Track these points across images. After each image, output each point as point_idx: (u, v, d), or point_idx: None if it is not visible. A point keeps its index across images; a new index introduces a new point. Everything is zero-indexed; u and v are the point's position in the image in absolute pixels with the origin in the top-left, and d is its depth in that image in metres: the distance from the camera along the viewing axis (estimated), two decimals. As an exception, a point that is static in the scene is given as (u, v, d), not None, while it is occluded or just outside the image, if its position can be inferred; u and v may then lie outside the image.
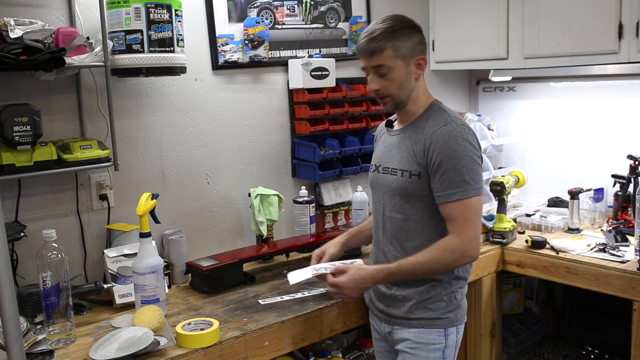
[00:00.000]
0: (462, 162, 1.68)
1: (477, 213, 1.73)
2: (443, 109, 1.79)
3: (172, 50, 2.02)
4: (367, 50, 1.72)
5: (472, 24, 2.86)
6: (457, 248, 1.70)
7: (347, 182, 2.87)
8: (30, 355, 1.52)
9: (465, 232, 1.70)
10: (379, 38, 1.70)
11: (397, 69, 1.72)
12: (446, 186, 1.69)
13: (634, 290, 2.18)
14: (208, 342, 1.68)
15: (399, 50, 1.71)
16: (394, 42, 1.70)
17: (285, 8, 2.61)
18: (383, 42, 1.69)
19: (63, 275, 1.71)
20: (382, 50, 1.70)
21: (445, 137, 1.69)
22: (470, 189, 1.68)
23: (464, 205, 1.69)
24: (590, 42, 2.45)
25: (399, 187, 1.78)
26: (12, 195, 1.97)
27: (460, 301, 1.83)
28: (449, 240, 1.71)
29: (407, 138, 1.79)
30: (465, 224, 1.69)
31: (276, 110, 2.63)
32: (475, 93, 3.40)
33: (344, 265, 1.85)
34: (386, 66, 1.71)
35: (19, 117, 1.78)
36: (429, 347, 1.79)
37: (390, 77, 1.73)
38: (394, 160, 1.81)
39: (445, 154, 1.68)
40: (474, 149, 1.72)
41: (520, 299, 3.02)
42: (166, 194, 2.31)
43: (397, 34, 1.71)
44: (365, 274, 1.78)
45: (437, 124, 1.73)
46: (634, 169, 2.57)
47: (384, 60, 1.71)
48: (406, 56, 1.72)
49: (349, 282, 1.77)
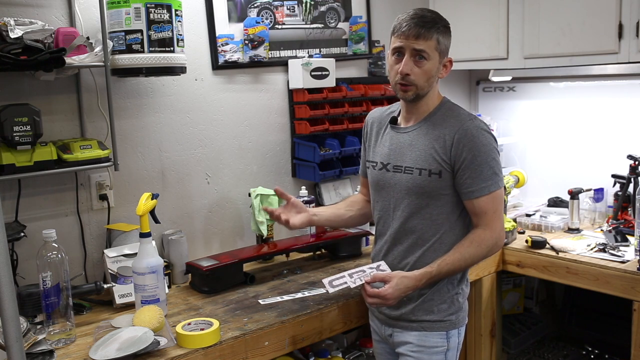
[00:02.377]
0: (492, 155, 1.71)
1: (502, 203, 1.79)
2: (457, 106, 1.81)
3: (172, 50, 2.01)
4: (416, 33, 1.68)
5: (472, 24, 2.86)
6: (491, 240, 1.74)
7: (347, 182, 2.87)
8: (30, 355, 1.52)
9: (495, 223, 1.74)
10: (430, 25, 1.70)
11: (433, 60, 1.72)
12: (479, 180, 1.70)
13: (634, 290, 2.18)
14: (208, 342, 1.68)
15: (440, 44, 1.72)
16: (439, 34, 1.71)
17: (285, 8, 2.61)
18: (433, 30, 1.70)
19: (63, 275, 1.71)
20: (430, 37, 1.69)
21: (474, 131, 1.70)
22: (499, 180, 1.74)
23: (494, 197, 1.72)
24: (590, 42, 2.45)
25: (417, 185, 1.74)
26: (12, 195, 1.96)
27: (462, 303, 1.82)
28: (482, 233, 1.74)
29: (423, 135, 1.76)
30: (494, 215, 1.74)
31: (276, 110, 2.63)
32: (475, 93, 3.40)
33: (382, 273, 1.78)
34: (427, 54, 1.70)
35: (19, 117, 1.78)
36: (432, 350, 1.77)
37: (424, 66, 1.71)
38: (407, 158, 1.77)
39: (477, 148, 1.69)
40: (495, 141, 1.76)
41: (520, 299, 3.02)
42: (166, 194, 2.31)
43: (443, 28, 1.73)
44: (409, 281, 1.72)
45: (460, 121, 1.73)
46: (634, 169, 2.57)
47: (428, 47, 1.70)
48: (442, 52, 1.74)
49: (395, 292, 1.71)
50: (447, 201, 1.74)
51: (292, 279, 2.24)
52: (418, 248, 1.77)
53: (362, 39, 2.88)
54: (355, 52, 2.87)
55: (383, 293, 1.71)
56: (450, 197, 1.74)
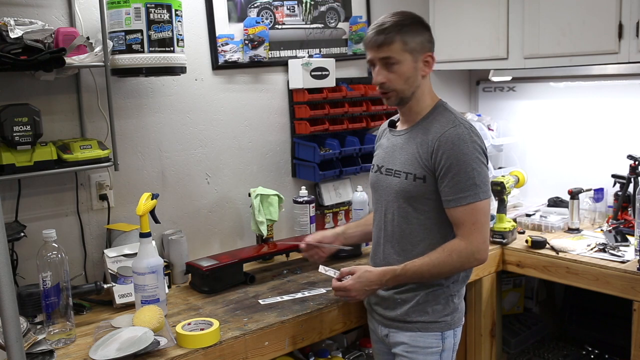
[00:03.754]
0: (472, 165, 1.66)
1: (485, 216, 1.71)
2: (449, 110, 1.77)
3: (172, 50, 2.02)
4: (375, 42, 1.70)
5: (472, 24, 2.86)
6: (465, 252, 1.69)
7: (347, 182, 2.87)
8: (30, 355, 1.52)
9: (473, 236, 1.68)
10: (388, 30, 1.68)
11: (405, 62, 1.70)
12: (456, 190, 1.66)
13: (634, 290, 2.17)
14: (208, 342, 1.68)
15: (408, 44, 1.69)
16: (403, 35, 1.68)
17: (285, 8, 2.61)
18: (393, 34, 1.68)
19: (63, 275, 1.71)
20: (391, 42, 1.68)
21: (454, 139, 1.67)
22: (480, 192, 1.67)
23: (473, 209, 1.67)
24: (590, 42, 2.45)
25: (403, 189, 1.75)
26: (12, 195, 1.97)
27: (457, 304, 1.81)
28: (457, 243, 1.70)
29: (412, 139, 1.76)
30: (473, 227, 1.68)
31: (276, 110, 2.63)
32: (475, 93, 3.40)
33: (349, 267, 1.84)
34: (394, 58, 1.69)
35: (19, 117, 1.78)
36: (426, 351, 1.77)
37: (397, 70, 1.70)
38: (397, 161, 1.79)
39: (455, 157, 1.65)
40: (481, 151, 1.70)
41: (520, 299, 3.02)
42: (166, 194, 2.31)
43: (407, 28, 1.70)
44: (372, 275, 1.77)
45: (445, 126, 1.70)
46: (634, 169, 2.57)
47: (392, 52, 1.69)
48: (415, 51, 1.71)
49: (355, 284, 1.77)
50: (434, 206, 1.73)
51: (292, 279, 2.24)
52: (408, 252, 1.77)
53: (362, 39, 2.88)
54: (355, 52, 2.87)
55: (345, 285, 1.78)
56: (436, 202, 1.72)
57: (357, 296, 1.80)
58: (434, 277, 1.74)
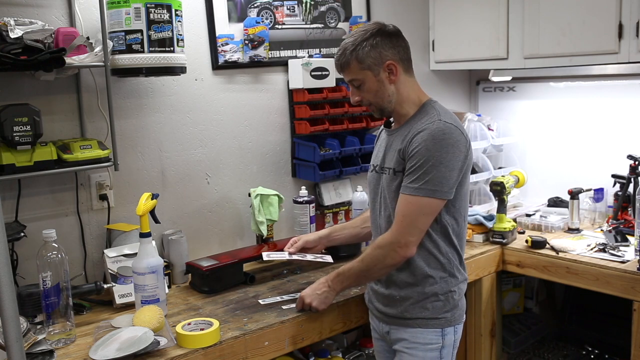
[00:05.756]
0: (431, 162, 1.66)
1: (420, 212, 1.69)
2: (434, 107, 1.77)
3: (172, 50, 2.02)
4: (337, 67, 1.81)
5: (472, 24, 2.86)
6: (386, 243, 1.73)
7: (347, 182, 2.87)
8: (30, 355, 1.52)
9: (397, 227, 1.71)
10: (343, 54, 1.76)
11: (367, 79, 1.76)
12: (407, 180, 1.70)
13: (634, 290, 2.18)
14: (208, 342, 1.68)
15: (363, 62, 1.74)
16: (357, 55, 1.74)
17: (285, 8, 2.61)
18: (348, 57, 1.75)
19: (63, 275, 1.71)
20: (348, 64, 1.76)
21: (426, 134, 1.69)
22: (425, 188, 1.66)
23: (410, 202, 1.69)
24: (590, 42, 2.45)
25: (389, 185, 1.79)
26: (12, 195, 1.97)
27: (457, 301, 1.82)
28: (384, 236, 1.75)
29: (398, 137, 1.80)
30: (402, 219, 1.70)
31: (276, 110, 2.63)
32: (475, 93, 3.40)
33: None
34: (356, 80, 1.77)
35: (19, 117, 1.78)
36: (426, 347, 1.79)
37: (364, 88, 1.78)
38: (387, 159, 1.83)
39: (419, 150, 1.68)
40: (453, 151, 1.67)
41: (520, 299, 3.02)
42: (166, 194, 2.31)
43: (360, 46, 1.73)
44: (322, 278, 1.90)
45: (425, 122, 1.73)
46: (634, 169, 2.57)
47: (352, 74, 1.77)
48: (373, 66, 1.74)
49: (307, 290, 1.90)
50: None
51: (292, 279, 2.24)
52: None
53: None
54: (355, 52, 2.87)
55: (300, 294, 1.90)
56: None
57: (313, 302, 1.87)
58: (369, 273, 1.80)
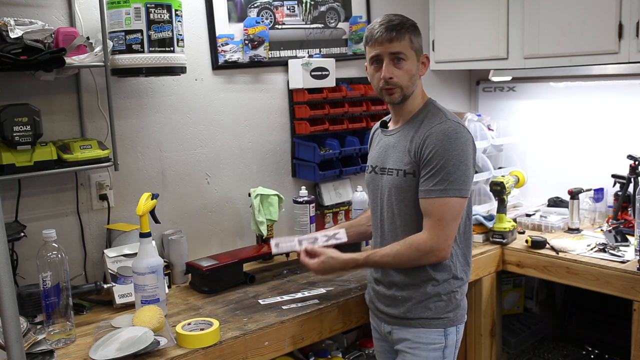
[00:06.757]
0: (453, 162, 1.68)
1: (453, 213, 1.71)
2: (439, 107, 1.81)
3: (172, 50, 2.02)
4: (387, 37, 1.73)
5: (472, 24, 2.86)
6: (425, 246, 1.71)
7: (347, 182, 2.87)
8: (30, 355, 1.52)
9: (436, 231, 1.70)
10: (399, 26, 1.74)
11: (411, 59, 1.76)
12: (430, 182, 1.69)
13: (634, 290, 2.18)
14: (208, 342, 1.68)
15: (414, 43, 1.76)
16: (411, 33, 1.76)
17: (285, 8, 2.61)
18: (404, 31, 1.74)
19: (63, 275, 1.71)
20: (403, 38, 1.74)
21: (440, 134, 1.70)
22: (452, 189, 1.68)
23: (441, 204, 1.69)
24: (590, 42, 2.45)
25: (396, 186, 1.78)
26: (12, 195, 1.97)
27: (460, 301, 1.83)
28: (419, 237, 1.73)
29: (404, 137, 1.79)
30: (439, 223, 1.70)
31: (276, 110, 2.63)
32: (475, 93, 3.40)
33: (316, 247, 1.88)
34: (404, 54, 1.74)
35: (19, 117, 1.78)
36: (429, 347, 1.79)
37: (404, 66, 1.75)
38: (390, 160, 1.82)
39: (437, 151, 1.68)
40: (467, 149, 1.71)
41: (520, 299, 3.02)
42: (166, 194, 2.31)
43: (413, 27, 1.77)
44: (335, 263, 1.83)
45: (434, 122, 1.74)
46: (634, 169, 2.57)
47: (402, 47, 1.74)
48: (418, 51, 1.78)
49: (318, 267, 1.84)
50: None
51: (292, 279, 2.24)
52: None
53: (362, 39, 2.87)
54: (355, 52, 2.87)
55: (308, 263, 1.85)
56: None
57: (317, 275, 1.95)
58: (396, 267, 1.79)
